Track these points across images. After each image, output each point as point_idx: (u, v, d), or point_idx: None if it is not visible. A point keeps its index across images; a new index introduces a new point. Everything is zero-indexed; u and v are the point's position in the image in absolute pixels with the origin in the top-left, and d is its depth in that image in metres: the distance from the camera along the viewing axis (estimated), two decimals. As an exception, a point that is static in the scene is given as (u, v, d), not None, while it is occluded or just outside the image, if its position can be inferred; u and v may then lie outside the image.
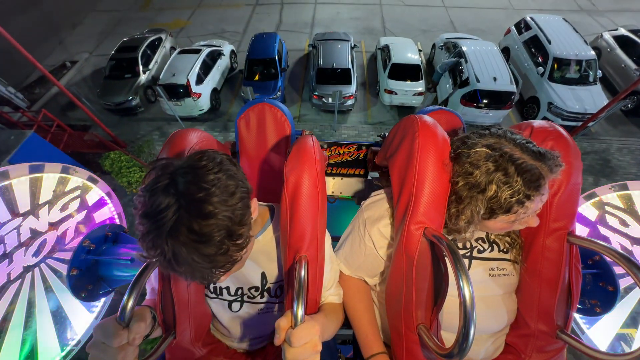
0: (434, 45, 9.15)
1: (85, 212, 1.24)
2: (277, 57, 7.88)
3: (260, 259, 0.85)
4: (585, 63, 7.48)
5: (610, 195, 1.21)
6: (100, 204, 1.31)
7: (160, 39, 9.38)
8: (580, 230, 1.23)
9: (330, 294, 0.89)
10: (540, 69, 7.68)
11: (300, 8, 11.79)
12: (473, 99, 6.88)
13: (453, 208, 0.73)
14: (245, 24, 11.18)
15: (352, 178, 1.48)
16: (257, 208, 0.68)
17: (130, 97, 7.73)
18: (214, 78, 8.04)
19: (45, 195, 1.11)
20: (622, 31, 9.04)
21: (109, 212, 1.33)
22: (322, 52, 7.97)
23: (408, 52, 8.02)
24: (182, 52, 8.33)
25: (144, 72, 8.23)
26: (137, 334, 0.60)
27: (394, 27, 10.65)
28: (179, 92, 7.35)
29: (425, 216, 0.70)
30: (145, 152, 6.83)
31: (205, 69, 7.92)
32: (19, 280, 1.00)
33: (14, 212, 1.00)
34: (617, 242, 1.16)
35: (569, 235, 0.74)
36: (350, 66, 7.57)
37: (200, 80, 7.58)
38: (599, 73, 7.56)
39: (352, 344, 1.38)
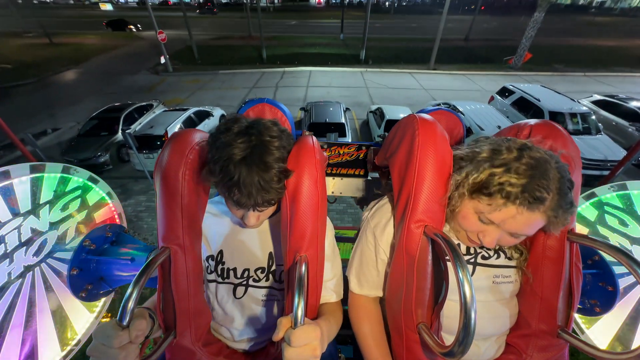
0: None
1: (85, 212, 1.24)
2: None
3: (269, 238, 0.89)
4: (581, 116, 7.43)
5: (609, 195, 1.21)
6: (100, 204, 1.31)
7: (151, 105, 8.63)
8: (580, 230, 1.23)
9: (330, 290, 0.89)
10: (539, 123, 7.95)
11: (293, 90, 13.47)
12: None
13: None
14: (240, 100, 12.03)
15: (352, 178, 1.48)
16: None
17: (99, 154, 6.89)
18: (198, 135, 7.45)
19: (46, 195, 1.11)
20: (597, 97, 9.34)
21: (110, 212, 1.33)
22: (314, 113, 7.97)
23: (400, 112, 8.39)
24: (168, 111, 7.67)
25: (123, 131, 7.13)
26: (140, 331, 0.60)
27: (382, 102, 11.61)
28: (154, 143, 6.47)
29: (425, 214, 0.71)
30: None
31: (190, 125, 7.18)
32: (20, 280, 1.00)
33: (14, 212, 1.00)
34: (616, 242, 1.16)
35: (569, 233, 0.75)
36: (343, 121, 7.57)
37: (181, 134, 7.00)
38: (600, 126, 7.51)
39: (352, 344, 1.37)
